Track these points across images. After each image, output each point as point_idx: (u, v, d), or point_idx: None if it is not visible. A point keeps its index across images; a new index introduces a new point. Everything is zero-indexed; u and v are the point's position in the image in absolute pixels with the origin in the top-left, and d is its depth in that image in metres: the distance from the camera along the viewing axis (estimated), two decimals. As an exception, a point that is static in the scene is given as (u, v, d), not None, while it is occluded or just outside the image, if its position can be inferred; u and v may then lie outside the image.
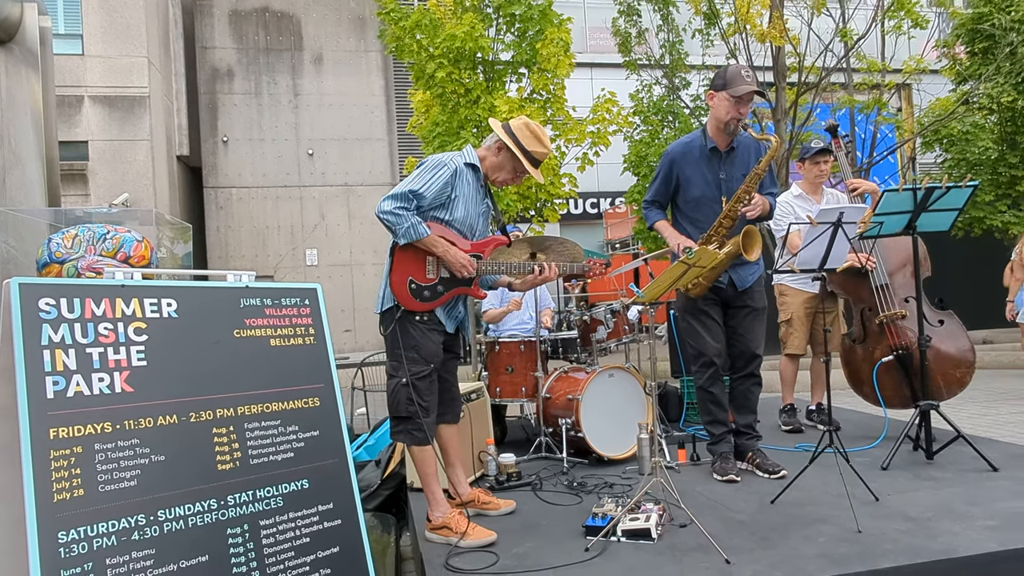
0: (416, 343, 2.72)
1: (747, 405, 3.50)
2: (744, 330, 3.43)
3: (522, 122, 2.85)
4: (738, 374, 3.49)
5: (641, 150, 10.94)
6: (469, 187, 2.81)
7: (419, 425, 2.71)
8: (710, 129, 3.33)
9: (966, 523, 2.54)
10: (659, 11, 11.56)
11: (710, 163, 3.32)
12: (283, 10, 13.81)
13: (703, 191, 3.32)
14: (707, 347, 3.40)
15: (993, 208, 10.56)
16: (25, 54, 4.85)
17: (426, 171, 2.71)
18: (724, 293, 3.40)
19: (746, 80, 3.14)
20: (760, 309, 3.45)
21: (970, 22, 10.37)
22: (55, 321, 1.84)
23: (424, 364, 2.72)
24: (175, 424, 1.97)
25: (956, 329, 3.89)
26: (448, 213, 2.77)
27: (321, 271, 13.56)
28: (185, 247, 5.95)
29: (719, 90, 3.22)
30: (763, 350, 3.50)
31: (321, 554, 2.14)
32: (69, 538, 1.68)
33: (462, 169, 2.78)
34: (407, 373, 2.68)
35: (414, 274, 2.71)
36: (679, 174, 3.37)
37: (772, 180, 3.41)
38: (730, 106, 3.17)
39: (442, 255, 2.70)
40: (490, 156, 2.88)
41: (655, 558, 2.39)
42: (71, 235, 3.24)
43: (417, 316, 2.73)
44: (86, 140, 11.60)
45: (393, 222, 2.61)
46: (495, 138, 2.86)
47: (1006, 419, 6.06)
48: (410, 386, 2.67)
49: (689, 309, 3.46)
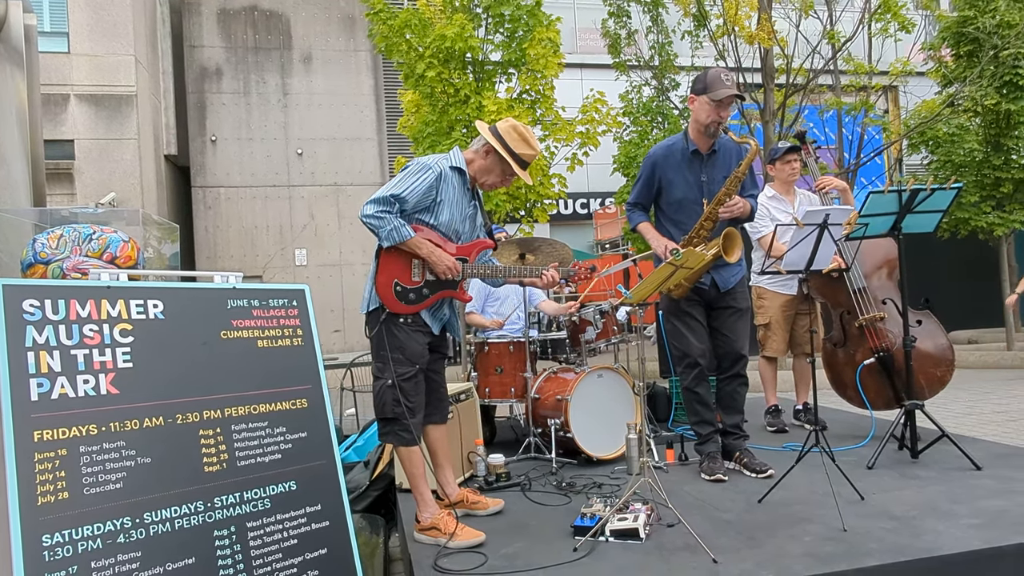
0: (401, 344, 2.71)
1: (734, 405, 3.52)
2: (728, 330, 3.45)
3: (509, 124, 2.84)
4: (724, 374, 3.51)
5: (631, 151, 10.98)
6: (455, 191, 2.79)
7: (406, 426, 2.70)
8: (691, 132, 3.36)
9: (950, 521, 2.56)
10: (648, 12, 11.60)
11: (692, 166, 3.35)
12: (272, 9, 13.74)
13: (685, 193, 3.36)
14: (691, 348, 3.42)
15: (978, 209, 10.68)
16: (10, 52, 4.80)
17: (410, 175, 2.70)
18: (707, 294, 3.42)
19: (726, 84, 3.16)
20: (744, 309, 3.49)
21: (955, 25, 10.49)
22: (39, 323, 1.82)
23: (409, 365, 2.71)
24: (161, 426, 1.96)
25: (934, 328, 3.93)
26: (433, 217, 2.76)
27: (310, 271, 13.51)
28: (172, 247, 5.91)
29: (699, 94, 3.24)
30: (748, 350, 3.52)
31: (309, 556, 2.14)
32: (54, 541, 1.67)
33: (447, 173, 2.76)
34: (393, 374, 2.68)
35: (400, 276, 2.71)
36: (661, 176, 3.40)
37: (753, 182, 3.45)
38: (711, 110, 3.19)
39: (427, 257, 2.70)
40: (478, 159, 2.86)
41: (643, 558, 2.40)
42: (56, 235, 3.21)
43: (402, 318, 2.72)
44: (72, 139, 11.50)
45: (376, 225, 2.61)
46: (482, 141, 2.85)
47: (990, 418, 6.13)
48: (396, 387, 2.67)
49: (672, 311, 3.48)
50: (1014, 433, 5.46)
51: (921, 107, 11.79)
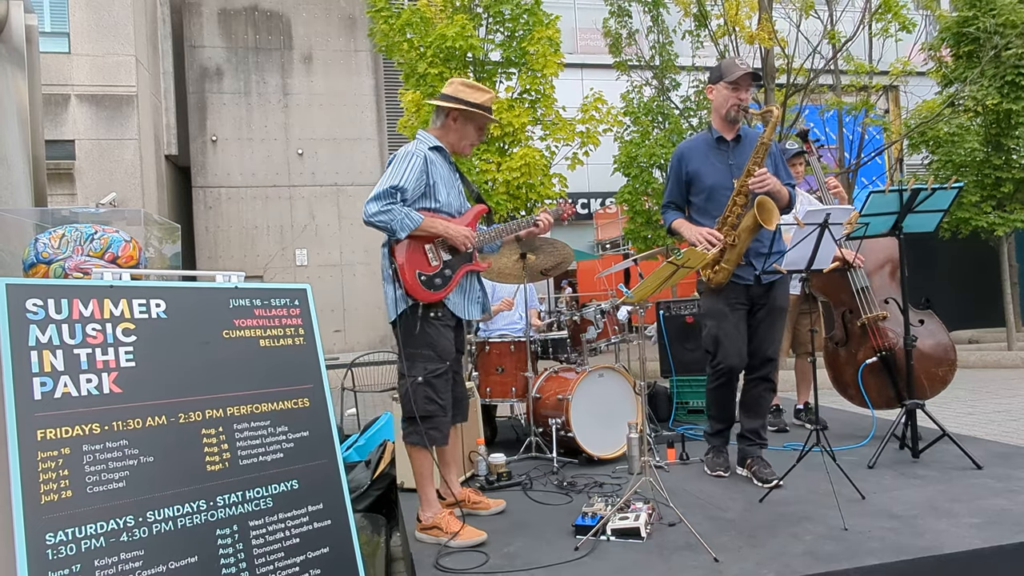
0: (432, 341, 2.72)
1: (756, 410, 3.40)
2: (764, 330, 3.30)
3: (455, 84, 2.88)
4: (751, 376, 3.37)
5: (631, 151, 10.98)
6: (443, 168, 2.84)
7: (436, 425, 2.70)
8: (715, 123, 3.37)
9: (951, 520, 2.56)
10: (649, 12, 11.61)
11: (718, 152, 3.33)
12: (272, 9, 13.75)
13: (714, 179, 3.29)
14: (726, 355, 3.26)
15: (979, 209, 10.67)
16: (11, 52, 4.80)
17: (398, 163, 2.71)
18: (751, 291, 3.29)
19: (739, 66, 3.22)
20: (781, 308, 3.34)
21: (955, 25, 10.48)
22: (42, 322, 1.83)
23: (440, 362, 2.72)
24: (164, 425, 1.96)
25: (936, 328, 3.94)
26: (432, 201, 2.77)
27: (311, 271, 13.51)
28: (173, 247, 5.91)
29: (715, 82, 3.29)
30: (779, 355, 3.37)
31: (311, 554, 2.14)
32: (57, 539, 1.68)
33: (429, 155, 2.79)
34: (423, 371, 2.67)
35: (420, 267, 2.71)
36: (688, 169, 3.35)
37: (788, 173, 3.36)
38: (728, 93, 3.23)
39: (444, 232, 2.72)
40: (449, 132, 2.89)
41: (644, 557, 2.41)
42: (58, 235, 3.22)
43: (432, 313, 2.72)
44: (73, 139, 11.50)
45: (386, 220, 2.61)
46: (444, 112, 2.87)
47: (990, 418, 6.13)
48: (427, 384, 2.67)
49: (712, 313, 3.31)
50: (1015, 432, 5.46)
51: (922, 107, 11.79)
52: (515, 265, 3.82)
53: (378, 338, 13.71)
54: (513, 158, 8.88)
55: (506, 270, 3.88)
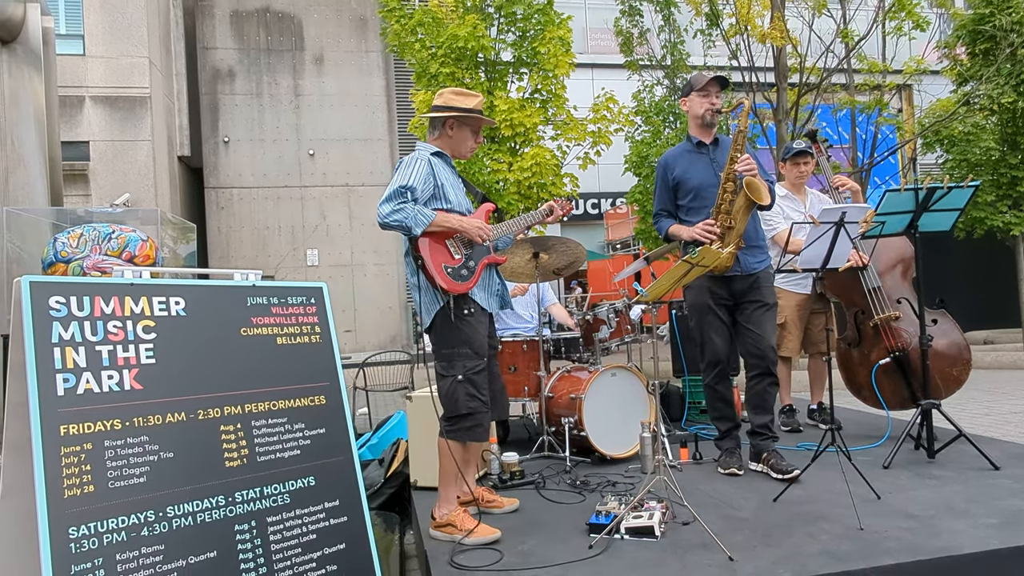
0: (468, 338, 2.74)
1: (763, 405, 3.44)
2: (754, 325, 3.39)
3: (444, 95, 2.96)
4: (752, 373, 3.44)
5: (643, 150, 10.95)
6: (447, 171, 2.90)
7: (479, 420, 2.73)
8: (692, 130, 3.57)
9: (968, 521, 2.55)
10: (660, 11, 11.58)
11: (700, 155, 3.52)
12: (284, 11, 13.83)
13: (700, 179, 3.45)
14: (713, 346, 3.43)
15: (994, 209, 10.57)
16: (28, 54, 4.86)
17: (405, 167, 2.76)
18: (734, 285, 3.40)
19: (705, 75, 3.45)
20: (771, 305, 3.44)
21: (971, 23, 10.39)
22: (65, 319, 1.85)
23: (478, 358, 2.75)
24: (183, 421, 1.98)
25: (950, 328, 3.90)
26: (444, 201, 2.82)
27: (322, 271, 13.57)
28: (188, 247, 5.96)
29: (688, 95, 3.52)
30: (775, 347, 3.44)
31: (328, 550, 2.16)
32: (80, 533, 1.70)
33: (433, 159, 2.85)
34: (463, 369, 2.70)
35: (444, 260, 2.75)
36: (673, 174, 3.53)
37: (764, 172, 3.44)
38: (701, 100, 3.45)
39: (458, 226, 2.76)
40: (447, 139, 2.94)
41: (658, 555, 2.41)
42: (76, 234, 3.26)
43: (465, 309, 2.75)
44: (87, 140, 11.62)
45: (400, 218, 2.63)
46: (439, 122, 2.93)
47: (1007, 418, 6.08)
48: (468, 382, 2.69)
49: (696, 307, 3.48)
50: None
51: (936, 106, 11.69)
52: (528, 264, 3.83)
53: (388, 338, 13.75)
54: (524, 158, 8.88)
55: (519, 269, 3.89)
